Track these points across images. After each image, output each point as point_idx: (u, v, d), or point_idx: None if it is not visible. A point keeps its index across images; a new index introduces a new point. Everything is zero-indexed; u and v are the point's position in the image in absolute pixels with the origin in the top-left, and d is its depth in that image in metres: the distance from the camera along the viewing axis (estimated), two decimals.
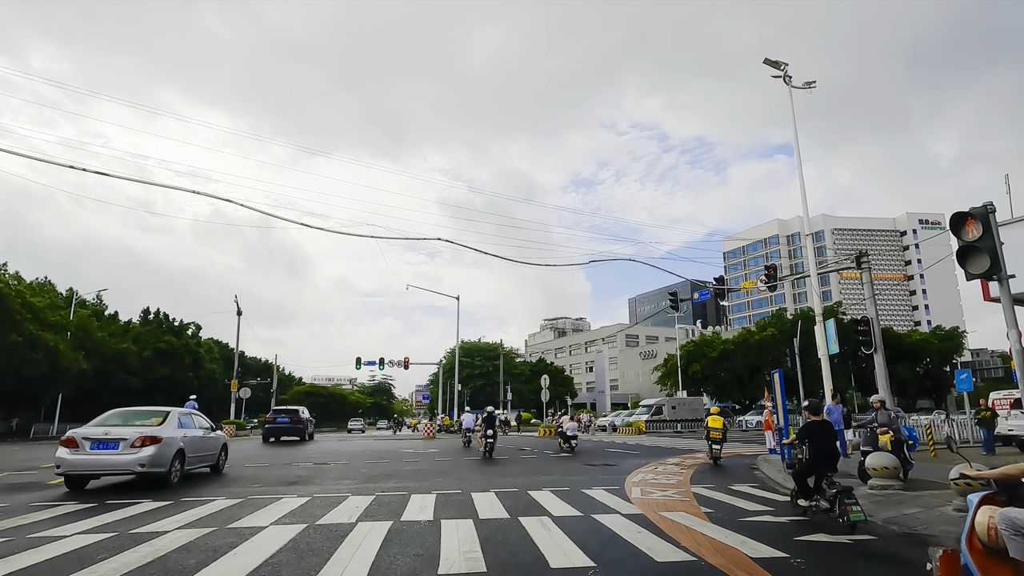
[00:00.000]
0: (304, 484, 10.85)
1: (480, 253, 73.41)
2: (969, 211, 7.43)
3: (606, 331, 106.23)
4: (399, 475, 12.46)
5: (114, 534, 6.35)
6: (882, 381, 16.03)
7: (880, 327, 16.98)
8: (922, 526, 6.30)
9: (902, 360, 48.48)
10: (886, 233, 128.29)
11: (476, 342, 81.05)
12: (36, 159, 15.83)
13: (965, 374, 21.76)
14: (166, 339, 50.47)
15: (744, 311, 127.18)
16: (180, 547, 5.74)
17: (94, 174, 16.19)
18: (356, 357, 44.43)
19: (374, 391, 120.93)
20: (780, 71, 18.05)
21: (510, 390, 59.51)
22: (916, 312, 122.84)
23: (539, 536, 6.20)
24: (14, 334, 31.69)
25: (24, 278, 41.14)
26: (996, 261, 7.18)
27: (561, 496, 9.09)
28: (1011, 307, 7.31)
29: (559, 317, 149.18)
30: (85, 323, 41.59)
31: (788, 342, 41.38)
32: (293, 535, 6.31)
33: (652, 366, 65.66)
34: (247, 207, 24.62)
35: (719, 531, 6.49)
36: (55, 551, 5.56)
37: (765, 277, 21.52)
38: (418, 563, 5.17)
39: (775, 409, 15.62)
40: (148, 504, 8.42)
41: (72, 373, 37.05)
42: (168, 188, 62.31)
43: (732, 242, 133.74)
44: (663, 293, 69.20)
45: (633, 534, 6.36)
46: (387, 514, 7.59)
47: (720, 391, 53.20)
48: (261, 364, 76.45)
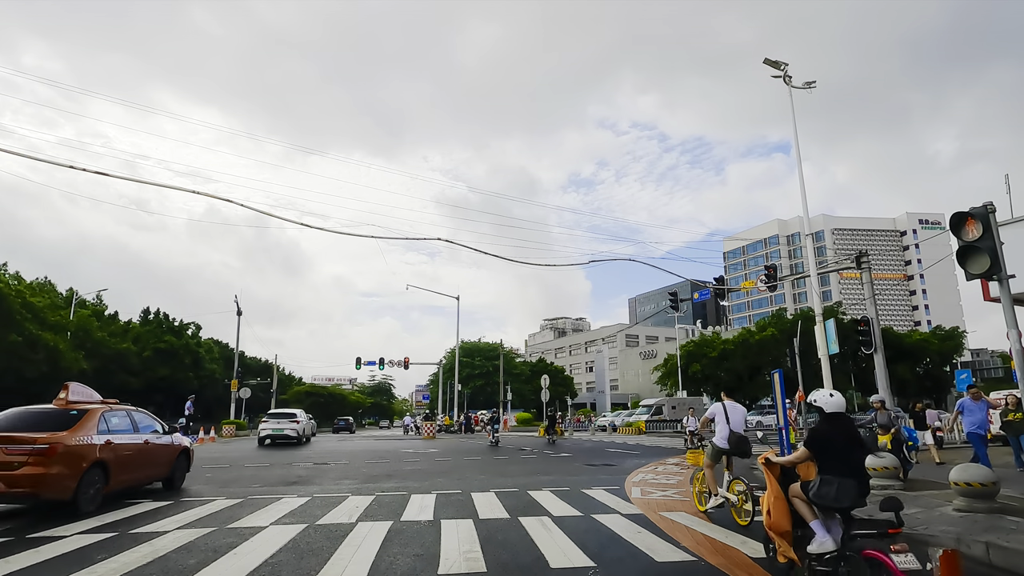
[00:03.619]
0: (304, 484, 10.85)
1: (480, 253, 73.41)
2: (969, 211, 7.43)
3: (606, 331, 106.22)
4: (399, 475, 12.46)
5: (114, 534, 6.36)
6: (882, 381, 16.03)
7: (880, 327, 16.98)
8: (922, 526, 6.30)
9: (902, 360, 48.41)
10: (886, 233, 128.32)
11: (476, 342, 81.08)
12: (33, 158, 15.85)
13: (965, 374, 21.80)
14: (166, 339, 50.45)
15: (744, 311, 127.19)
16: (180, 547, 5.75)
17: (87, 172, 16.18)
18: (356, 357, 44.45)
19: (374, 391, 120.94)
20: (780, 71, 18.02)
21: (510, 390, 59.52)
22: (916, 312, 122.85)
23: (539, 536, 6.20)
24: (14, 334, 31.68)
25: (24, 278, 41.15)
26: (996, 261, 7.18)
27: (561, 496, 9.09)
28: (1011, 307, 7.31)
29: (559, 317, 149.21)
30: (85, 323, 41.58)
31: (788, 342, 41.37)
32: (293, 535, 6.31)
33: (652, 366, 65.61)
34: (247, 207, 24.68)
35: (719, 531, 6.49)
36: (55, 551, 5.56)
37: (765, 277, 21.52)
38: (418, 563, 5.18)
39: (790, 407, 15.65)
40: (148, 504, 8.43)
41: (72, 373, 36.95)
42: (168, 188, 62.36)
43: (732, 242, 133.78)
44: (663, 293, 69.20)
45: (633, 534, 6.36)
46: (387, 514, 7.59)
47: (720, 391, 53.18)
48: (261, 364, 76.39)
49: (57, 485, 7.36)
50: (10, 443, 7.27)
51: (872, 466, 8.88)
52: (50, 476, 7.26)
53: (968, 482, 6.82)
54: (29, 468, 7.15)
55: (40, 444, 7.32)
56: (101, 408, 8.78)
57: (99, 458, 8.07)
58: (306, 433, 28.09)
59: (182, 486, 10.57)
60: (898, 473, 9.03)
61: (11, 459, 7.14)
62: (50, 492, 7.33)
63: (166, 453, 10.10)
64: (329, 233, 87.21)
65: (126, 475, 8.86)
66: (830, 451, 4.35)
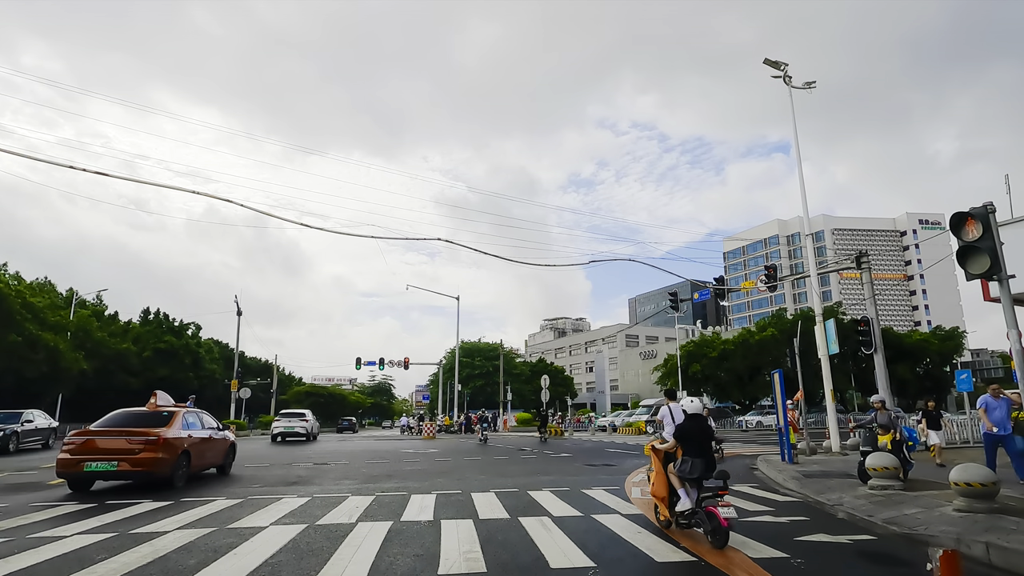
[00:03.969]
0: (304, 484, 10.85)
1: (479, 253, 73.39)
2: (969, 211, 7.43)
3: (606, 331, 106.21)
4: (399, 475, 12.46)
5: (114, 534, 6.35)
6: (882, 381, 16.04)
7: (880, 327, 16.98)
8: (922, 526, 6.30)
9: (902, 360, 48.39)
10: (886, 233, 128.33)
11: (476, 342, 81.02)
12: (33, 158, 15.83)
13: (965, 374, 21.74)
14: (166, 339, 50.44)
15: (744, 311, 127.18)
16: (180, 547, 5.74)
17: (87, 172, 16.18)
18: (356, 357, 44.46)
19: (374, 391, 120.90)
20: (780, 71, 18.01)
21: (510, 390, 59.49)
22: (916, 312, 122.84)
23: (539, 536, 6.20)
24: (14, 334, 31.65)
25: (24, 278, 41.13)
26: (996, 261, 7.18)
27: (561, 496, 9.09)
28: (1011, 307, 7.31)
29: (559, 317, 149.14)
30: (85, 323, 41.54)
31: (788, 342, 41.31)
32: (293, 535, 6.31)
33: (652, 366, 65.56)
34: (247, 207, 24.61)
35: None
36: (55, 551, 5.56)
37: (765, 277, 21.52)
38: (418, 563, 5.17)
39: (792, 407, 15.65)
40: (148, 504, 8.42)
41: (72, 373, 37.02)
42: (168, 188, 62.30)
43: (732, 242, 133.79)
44: (663, 293, 69.17)
45: (633, 534, 6.36)
46: (387, 514, 7.59)
47: (720, 391, 53.16)
48: (261, 364, 76.36)
49: (163, 466, 9.84)
50: (131, 435, 9.84)
51: (872, 466, 8.89)
52: (159, 459, 9.74)
53: (968, 482, 6.81)
54: (145, 453, 9.65)
55: (151, 436, 9.85)
56: (182, 410, 11.35)
57: (185, 447, 10.57)
58: (313, 431, 30.83)
59: (230, 471, 13.00)
60: (898, 473, 9.02)
61: (133, 446, 9.69)
62: (158, 470, 9.75)
63: (222, 445, 12.69)
64: (329, 233, 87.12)
65: (199, 461, 11.37)
66: (689, 440, 6.22)
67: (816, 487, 9.50)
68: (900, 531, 6.31)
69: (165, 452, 9.86)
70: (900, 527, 6.40)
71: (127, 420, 10.57)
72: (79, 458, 9.47)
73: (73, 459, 9.48)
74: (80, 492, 9.72)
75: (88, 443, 9.67)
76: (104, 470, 9.50)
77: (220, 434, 12.67)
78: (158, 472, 9.74)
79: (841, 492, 8.82)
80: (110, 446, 9.67)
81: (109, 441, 9.76)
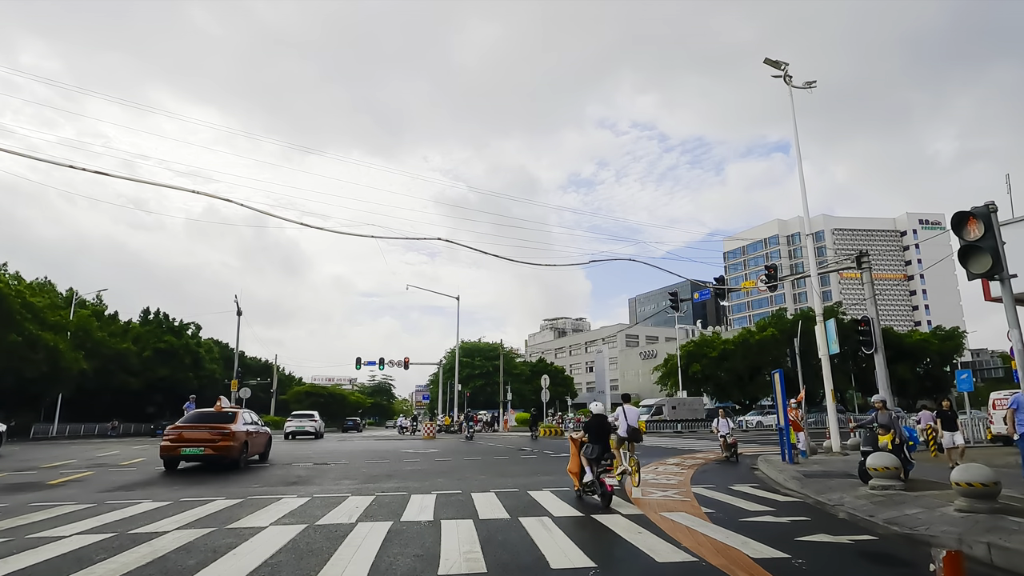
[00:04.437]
0: (304, 484, 10.84)
1: (480, 253, 73.37)
2: (971, 211, 7.42)
3: (606, 331, 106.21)
4: (399, 475, 12.45)
5: (113, 534, 6.34)
6: (882, 381, 16.03)
7: (880, 327, 16.96)
8: (923, 526, 6.29)
9: (902, 360, 48.40)
10: (886, 233, 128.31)
11: (476, 342, 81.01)
12: (32, 158, 15.83)
13: (965, 374, 21.74)
14: (166, 339, 50.41)
15: (744, 311, 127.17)
16: (179, 547, 5.73)
17: (87, 172, 16.16)
18: (356, 357, 44.43)
19: (374, 391, 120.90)
20: (780, 71, 18.01)
21: (510, 390, 59.47)
22: (916, 312, 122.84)
23: (539, 536, 6.19)
24: (14, 334, 31.65)
25: (24, 278, 41.11)
26: (998, 261, 7.17)
27: (561, 496, 9.08)
28: (1013, 307, 7.30)
29: (559, 317, 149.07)
30: (85, 323, 41.53)
31: (788, 342, 41.31)
32: (293, 535, 6.30)
33: (652, 366, 65.58)
34: (247, 207, 24.59)
35: (720, 531, 6.47)
36: (54, 551, 5.55)
37: (765, 277, 21.51)
38: (418, 563, 5.16)
39: (795, 406, 15.63)
40: (147, 504, 8.41)
41: (72, 373, 37.01)
42: (167, 188, 62.29)
43: (732, 242, 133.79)
44: (663, 293, 69.16)
45: (634, 534, 6.34)
46: (387, 514, 7.57)
47: (720, 391, 53.17)
48: (261, 364, 76.34)
49: (234, 452, 13.34)
50: (211, 429, 13.29)
51: (873, 466, 8.88)
52: (231, 447, 13.21)
53: (969, 482, 6.80)
54: (222, 442, 13.11)
55: (225, 429, 13.30)
56: (241, 410, 15.02)
57: (245, 439, 13.95)
58: (320, 430, 35.20)
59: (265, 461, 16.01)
60: (899, 473, 9.00)
61: (214, 437, 13.11)
62: (230, 455, 13.25)
63: (264, 438, 16.22)
64: (329, 233, 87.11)
65: (253, 451, 14.94)
66: (593, 432, 8.69)
67: (817, 487, 9.48)
68: (901, 531, 6.30)
69: (235, 441, 13.30)
70: (901, 527, 6.39)
71: (205, 418, 14.01)
72: (177, 445, 13.02)
73: (173, 446, 13.03)
74: (80, 492, 9.79)
75: (181, 435, 13.11)
76: (194, 453, 13.07)
77: (263, 429, 16.11)
78: (230, 456, 13.23)
79: (842, 492, 8.81)
80: (197, 437, 13.11)
81: (195, 433, 13.18)
